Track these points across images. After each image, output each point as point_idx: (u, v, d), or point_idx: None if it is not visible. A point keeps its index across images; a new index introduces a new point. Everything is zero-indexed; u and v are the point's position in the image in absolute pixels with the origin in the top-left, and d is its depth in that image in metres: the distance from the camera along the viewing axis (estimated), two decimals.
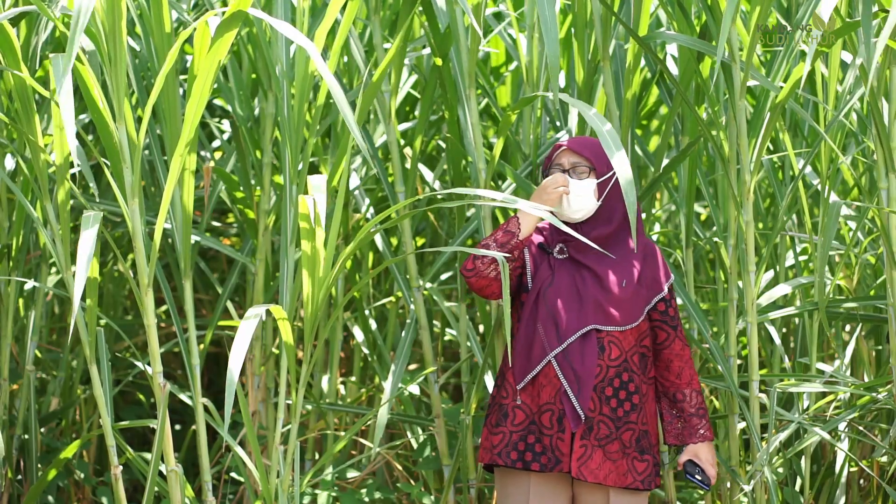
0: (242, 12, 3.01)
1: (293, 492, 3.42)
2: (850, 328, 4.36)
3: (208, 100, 4.20)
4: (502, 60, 4.68)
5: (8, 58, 3.25)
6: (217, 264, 5.36)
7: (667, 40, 3.82)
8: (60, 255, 3.44)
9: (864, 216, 4.03)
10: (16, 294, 4.02)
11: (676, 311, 3.45)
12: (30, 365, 4.09)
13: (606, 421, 3.35)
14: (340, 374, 4.88)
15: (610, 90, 3.78)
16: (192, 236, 3.90)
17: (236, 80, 4.20)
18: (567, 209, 3.37)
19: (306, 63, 3.42)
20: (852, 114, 4.11)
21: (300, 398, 3.40)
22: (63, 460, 3.81)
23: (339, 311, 3.67)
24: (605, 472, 3.34)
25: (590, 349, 3.33)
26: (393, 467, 4.39)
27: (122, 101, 3.16)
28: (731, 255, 3.79)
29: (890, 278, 3.65)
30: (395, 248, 4.55)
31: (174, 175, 3.19)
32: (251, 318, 3.12)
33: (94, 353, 3.44)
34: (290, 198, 3.55)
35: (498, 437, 3.40)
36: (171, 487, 3.44)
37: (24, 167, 3.66)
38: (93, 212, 3.08)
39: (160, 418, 3.33)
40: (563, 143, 3.41)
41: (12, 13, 3.18)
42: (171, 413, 4.94)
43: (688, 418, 3.44)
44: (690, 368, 3.45)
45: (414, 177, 4.02)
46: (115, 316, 4.85)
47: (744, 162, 3.61)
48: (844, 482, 4.02)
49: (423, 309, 4.05)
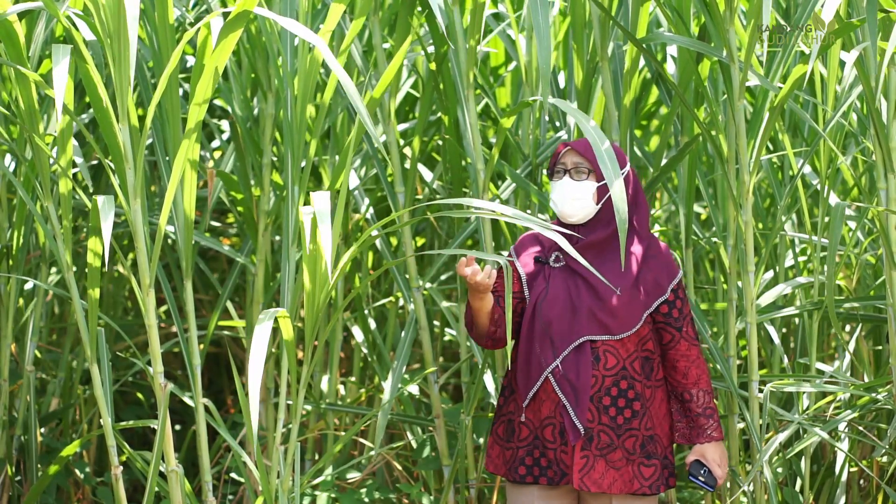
0: (247, 12, 3.01)
1: (293, 492, 3.42)
2: (850, 328, 4.36)
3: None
4: (501, 60, 4.68)
5: (12, 54, 3.25)
6: (217, 264, 5.36)
7: (665, 41, 3.82)
8: (62, 254, 3.44)
9: (863, 216, 4.03)
10: (16, 294, 4.02)
11: (682, 310, 3.40)
12: (30, 365, 4.09)
13: (606, 430, 3.34)
14: (340, 374, 4.88)
15: (609, 91, 3.78)
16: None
17: (236, 81, 4.20)
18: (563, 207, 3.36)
19: (309, 62, 3.42)
20: (851, 114, 4.11)
21: (301, 399, 3.40)
22: (63, 460, 3.81)
23: (340, 313, 3.67)
24: (609, 481, 3.33)
25: (584, 361, 3.32)
26: (393, 467, 4.40)
27: (125, 100, 3.16)
28: (731, 255, 3.80)
29: (890, 278, 3.65)
30: (394, 248, 4.55)
31: (176, 176, 3.19)
32: (264, 321, 3.12)
33: (94, 353, 3.44)
34: (292, 199, 3.55)
35: (509, 453, 3.41)
36: (172, 487, 3.45)
37: (23, 166, 3.66)
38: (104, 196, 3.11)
39: (161, 418, 3.33)
40: (568, 144, 3.41)
41: (19, 8, 3.18)
42: (171, 413, 4.94)
43: (695, 418, 3.42)
44: (698, 368, 3.41)
45: (413, 177, 4.02)
46: (115, 316, 4.85)
47: (743, 162, 3.61)
48: (844, 482, 4.02)
49: (423, 309, 4.06)
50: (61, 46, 3.06)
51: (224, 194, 4.37)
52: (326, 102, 3.43)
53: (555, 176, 3.40)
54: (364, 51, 4.21)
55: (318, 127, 3.49)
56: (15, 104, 3.46)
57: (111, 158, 3.25)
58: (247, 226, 4.20)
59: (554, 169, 3.41)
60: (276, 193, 4.17)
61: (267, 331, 3.10)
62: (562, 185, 3.37)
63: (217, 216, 5.20)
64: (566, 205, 3.36)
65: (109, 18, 3.06)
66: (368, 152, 4.25)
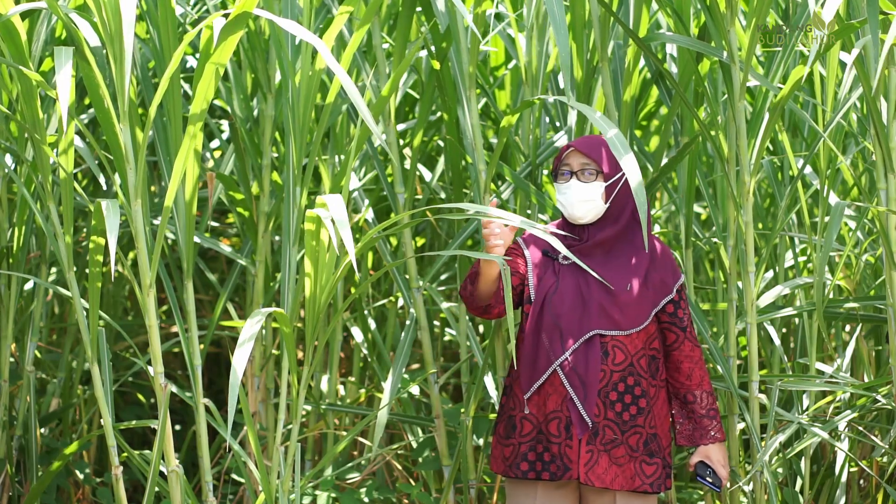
0: (247, 13, 3.01)
1: (293, 492, 3.42)
2: (850, 328, 4.37)
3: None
4: (501, 60, 4.68)
5: (14, 54, 3.25)
6: (217, 264, 5.36)
7: (666, 41, 3.82)
8: (62, 254, 3.44)
9: (863, 216, 4.04)
10: (16, 294, 4.02)
11: (686, 312, 3.42)
12: (30, 365, 4.09)
13: (612, 425, 3.34)
14: (340, 374, 4.88)
15: (609, 91, 3.78)
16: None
17: (236, 81, 4.20)
18: (572, 210, 3.36)
19: (311, 63, 3.42)
20: (851, 114, 4.11)
21: (301, 399, 3.40)
22: (63, 460, 3.81)
23: (340, 315, 3.67)
24: (611, 477, 3.34)
25: (593, 355, 3.32)
26: (393, 467, 4.40)
27: (126, 101, 3.16)
28: (731, 255, 3.80)
29: (890, 278, 3.66)
30: (394, 248, 4.55)
31: (177, 176, 3.19)
32: (254, 320, 3.12)
33: (94, 353, 3.44)
34: (293, 199, 3.55)
35: (509, 450, 3.41)
36: (172, 487, 3.45)
37: (24, 166, 3.66)
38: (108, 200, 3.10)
39: (161, 418, 3.33)
40: (571, 144, 3.40)
41: (22, 8, 3.18)
42: (171, 413, 4.94)
43: (698, 420, 3.42)
44: (701, 370, 3.42)
45: (413, 177, 4.02)
46: (115, 316, 4.85)
47: (743, 162, 3.61)
48: (844, 482, 4.02)
49: (423, 309, 4.05)
50: (63, 49, 3.05)
51: (224, 195, 4.37)
52: (330, 102, 3.43)
53: (560, 178, 3.38)
54: (363, 51, 4.21)
55: (320, 128, 3.49)
56: (16, 103, 3.46)
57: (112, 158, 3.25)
58: (247, 227, 4.20)
59: (558, 171, 3.39)
60: (275, 194, 4.17)
61: (255, 327, 3.10)
62: (570, 189, 3.36)
63: (217, 216, 5.20)
64: (576, 208, 3.36)
65: (110, 18, 3.06)
66: (368, 152, 4.25)
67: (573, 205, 3.35)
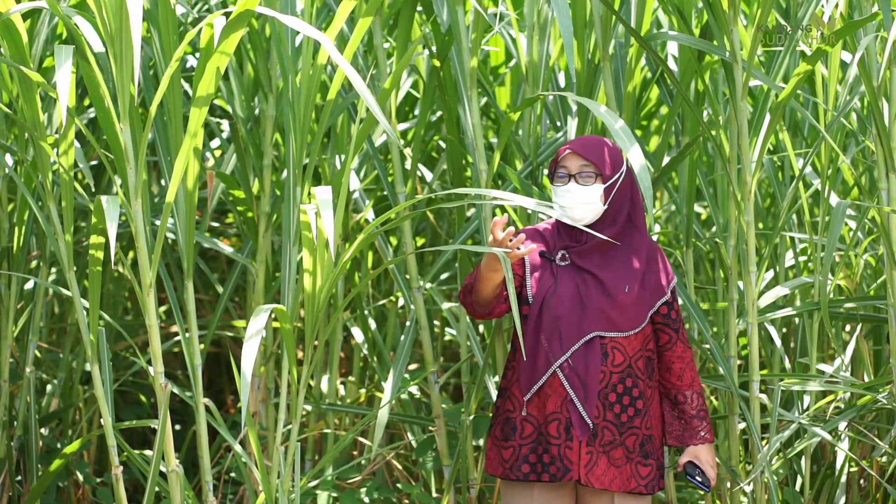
0: (250, 12, 3.00)
1: (293, 492, 3.42)
2: (850, 328, 4.36)
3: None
4: (501, 60, 4.68)
5: (14, 54, 3.25)
6: (217, 264, 5.35)
7: (668, 40, 3.82)
8: (63, 254, 3.43)
9: (864, 216, 4.03)
10: (16, 294, 4.01)
11: (679, 313, 3.44)
12: (30, 365, 4.08)
13: (610, 427, 3.35)
14: (340, 374, 4.88)
15: (610, 90, 3.78)
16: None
17: (237, 81, 4.20)
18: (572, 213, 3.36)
19: (313, 61, 3.41)
20: (852, 114, 4.11)
21: (301, 399, 3.40)
22: (63, 460, 3.81)
23: (340, 314, 3.67)
24: (609, 478, 3.34)
25: (593, 356, 3.33)
26: (393, 467, 4.40)
27: (126, 100, 3.15)
28: (732, 255, 3.80)
29: (890, 278, 3.66)
30: (394, 248, 4.55)
31: (177, 176, 3.18)
32: (259, 316, 3.11)
33: (95, 353, 3.43)
34: (293, 199, 3.55)
35: (509, 452, 3.40)
36: (172, 487, 3.44)
37: (23, 167, 3.66)
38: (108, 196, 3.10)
39: (161, 418, 3.33)
40: (568, 146, 3.39)
41: (22, 8, 3.17)
42: (171, 413, 4.94)
43: (689, 420, 3.44)
44: (692, 370, 3.45)
45: (414, 177, 4.02)
46: (115, 316, 4.85)
47: (744, 162, 3.61)
48: (844, 482, 4.02)
49: (423, 309, 4.05)
50: (63, 48, 3.05)
51: (224, 194, 4.37)
52: (331, 100, 3.43)
53: (558, 180, 3.38)
54: (364, 50, 4.21)
55: (320, 127, 3.49)
56: (16, 103, 3.46)
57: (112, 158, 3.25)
58: (247, 226, 4.20)
59: (556, 173, 3.39)
60: (275, 194, 4.16)
61: (261, 322, 3.10)
62: (568, 191, 3.35)
63: (217, 216, 5.19)
64: (576, 210, 3.35)
65: (111, 18, 3.06)
66: (369, 152, 4.25)
67: (573, 207, 3.35)
